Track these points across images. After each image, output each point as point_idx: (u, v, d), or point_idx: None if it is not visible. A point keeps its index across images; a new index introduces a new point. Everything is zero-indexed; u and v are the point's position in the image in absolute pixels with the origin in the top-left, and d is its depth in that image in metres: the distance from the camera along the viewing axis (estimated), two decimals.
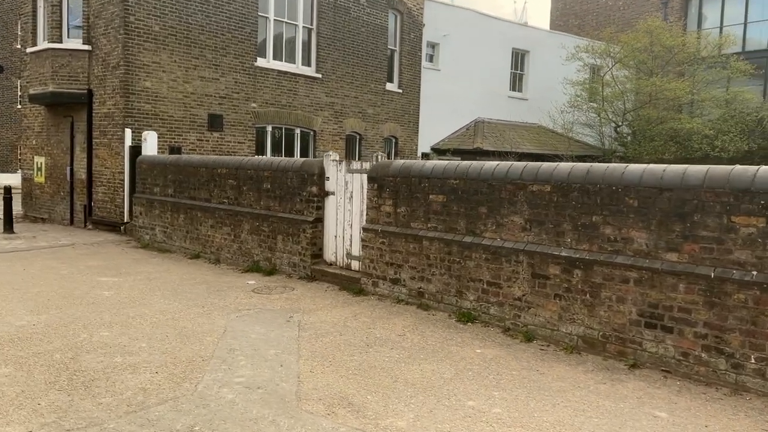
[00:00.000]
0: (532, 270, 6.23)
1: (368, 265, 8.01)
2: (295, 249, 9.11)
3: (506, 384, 5.06)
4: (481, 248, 6.69)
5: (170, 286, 8.51)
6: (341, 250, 8.73)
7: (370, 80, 19.40)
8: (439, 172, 7.19)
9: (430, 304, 7.25)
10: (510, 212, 6.47)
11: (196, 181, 11.11)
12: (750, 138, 21.30)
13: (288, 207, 9.26)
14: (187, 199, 11.31)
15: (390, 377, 5.17)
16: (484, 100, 23.31)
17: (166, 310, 7.22)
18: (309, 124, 17.83)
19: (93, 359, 5.45)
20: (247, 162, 10.07)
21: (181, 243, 11.42)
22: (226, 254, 10.38)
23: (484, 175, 6.71)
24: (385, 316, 7.04)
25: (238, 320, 6.82)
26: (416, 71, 21.07)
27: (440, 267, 7.12)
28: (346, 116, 18.83)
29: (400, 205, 7.62)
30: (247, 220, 9.96)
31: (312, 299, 7.82)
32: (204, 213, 10.86)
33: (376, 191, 7.91)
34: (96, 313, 7.04)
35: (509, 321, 6.46)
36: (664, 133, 20.97)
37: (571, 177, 5.97)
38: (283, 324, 6.70)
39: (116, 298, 7.80)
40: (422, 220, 7.36)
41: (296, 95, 17.41)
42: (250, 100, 16.35)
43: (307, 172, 8.96)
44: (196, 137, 15.30)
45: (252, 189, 9.91)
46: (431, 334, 6.36)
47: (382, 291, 7.84)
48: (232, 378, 5.06)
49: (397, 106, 20.45)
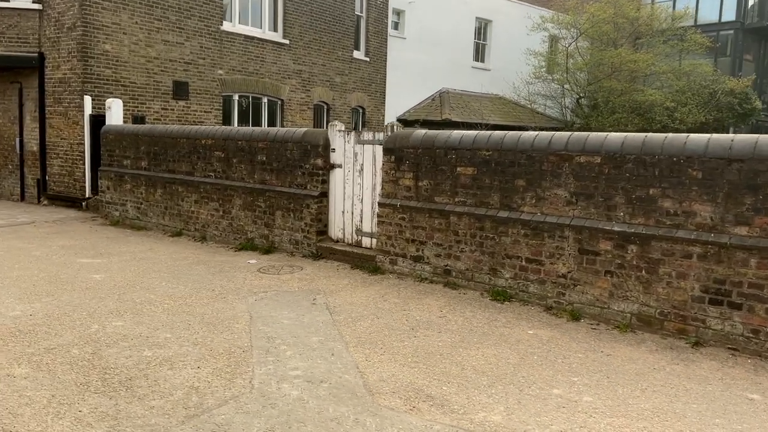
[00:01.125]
0: (580, 246, 5.94)
1: (385, 242, 7.56)
2: (297, 225, 8.55)
3: (579, 368, 4.77)
4: (519, 223, 6.35)
5: (164, 267, 7.83)
6: (350, 226, 8.23)
7: (337, 47, 18.68)
8: (468, 142, 6.78)
9: (459, 282, 6.89)
10: (553, 185, 6.14)
11: (175, 152, 10.31)
12: (705, 110, 21.81)
13: (288, 181, 8.66)
14: (165, 172, 10.50)
15: (455, 364, 4.79)
16: (449, 70, 22.96)
17: (174, 294, 6.59)
18: (276, 92, 17.03)
19: (118, 354, 4.83)
20: (237, 132, 9.37)
21: (159, 219, 10.63)
22: (214, 231, 9.70)
23: (523, 146, 6.35)
24: (414, 296, 6.64)
25: (260, 304, 6.27)
26: (383, 39, 20.45)
27: (470, 243, 6.76)
28: (314, 85, 18.09)
29: (422, 179, 7.18)
30: (238, 195, 9.30)
31: (327, 279, 7.33)
32: (186, 187, 10.10)
33: (394, 164, 7.43)
34: (96, 299, 6.34)
35: (552, 299, 6.18)
36: (627, 105, 21.19)
37: (624, 148, 5.68)
38: (309, 307, 6.21)
39: (111, 281, 7.09)
40: (448, 194, 6.95)
41: (263, 62, 16.55)
42: (217, 66, 15.41)
43: (311, 143, 8.37)
44: (160, 106, 14.32)
45: (244, 161, 9.24)
46: (472, 315, 6.01)
47: (401, 269, 7.42)
48: (287, 371, 4.57)
49: (365, 75, 19.83)
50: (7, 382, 4.27)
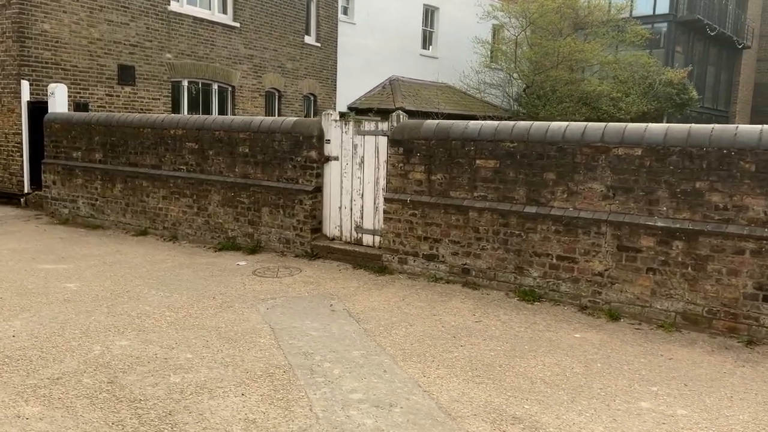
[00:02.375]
0: (618, 242, 5.67)
1: (393, 240, 7.07)
2: (288, 223, 7.91)
3: (650, 375, 4.48)
4: (549, 219, 6.01)
5: (145, 273, 7.04)
6: (348, 223, 7.68)
7: (288, 32, 17.86)
8: (489, 134, 6.37)
9: (479, 282, 6.50)
10: (587, 178, 5.83)
11: (137, 144, 9.39)
12: (646, 99, 22.38)
13: (276, 175, 8.00)
14: (126, 165, 9.56)
15: (521, 377, 4.40)
16: (398, 57, 22.51)
17: (172, 304, 5.87)
18: (227, 78, 16.08)
19: (141, 382, 4.14)
20: (214, 122, 8.58)
21: (118, 217, 9.69)
22: (187, 230, 8.90)
23: (552, 137, 6.00)
24: (436, 298, 6.20)
25: (274, 313, 5.66)
26: (333, 24, 19.76)
27: (493, 241, 6.37)
28: (266, 71, 17.23)
29: (435, 172, 6.73)
30: (216, 191, 8.54)
31: (333, 282, 6.78)
32: (153, 182, 9.22)
33: (403, 156, 6.94)
34: (84, 314, 5.54)
35: (586, 298, 5.89)
36: (574, 95, 21.42)
37: (668, 139, 5.42)
38: (330, 315, 5.65)
39: (90, 291, 6.27)
40: (466, 189, 6.54)
41: (214, 46, 15.56)
42: (165, 49, 14.34)
43: (303, 133, 7.74)
44: (104, 92, 13.16)
45: (222, 154, 8.48)
46: (509, 319, 5.63)
47: (412, 269, 6.96)
48: (345, 394, 4.04)
49: (316, 61, 19.10)
50: (20, 426, 3.53)
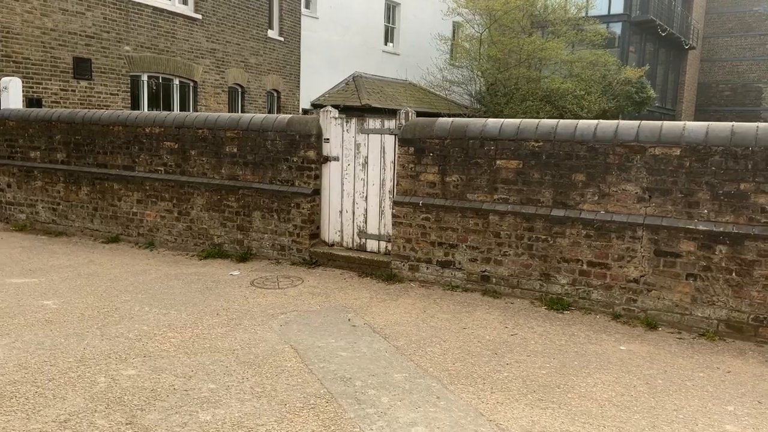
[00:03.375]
0: (656, 247, 5.38)
1: (403, 246, 6.62)
2: (283, 228, 7.34)
3: (717, 392, 4.18)
4: (579, 223, 5.68)
5: (129, 286, 6.37)
6: (350, 228, 7.17)
7: (251, 25, 17.12)
8: (511, 132, 5.99)
9: (500, 290, 6.12)
10: (620, 180, 5.52)
11: (107, 143, 8.61)
12: (606, 98, 22.60)
13: (269, 176, 7.41)
14: (94, 166, 8.76)
15: (586, 399, 4.02)
16: (360, 53, 22.02)
17: (172, 323, 5.25)
18: (189, 73, 15.25)
19: (166, 421, 3.56)
20: (196, 120, 7.92)
21: (85, 223, 8.88)
22: (166, 236, 8.20)
23: (582, 136, 5.67)
24: (459, 309, 5.78)
25: (290, 331, 5.13)
26: (296, 18, 19.10)
27: (516, 246, 6.00)
28: (229, 65, 16.46)
29: (450, 173, 6.31)
30: (200, 194, 7.88)
31: (342, 292, 6.27)
32: (125, 184, 8.47)
33: (414, 156, 6.49)
34: (74, 337, 4.88)
35: (620, 306, 5.58)
36: (538, 93, 21.41)
37: (709, 139, 5.16)
38: (352, 331, 5.16)
39: (73, 310, 5.57)
40: (485, 191, 6.14)
41: (175, 39, 14.71)
42: (123, 42, 13.43)
43: (300, 132, 7.18)
44: (59, 86, 12.20)
45: (206, 154, 7.83)
46: (544, 331, 5.27)
47: (425, 276, 6.52)
48: (406, 428, 3.56)
49: (279, 56, 18.41)
50: None
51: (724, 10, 39.05)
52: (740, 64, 38.90)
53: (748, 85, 38.73)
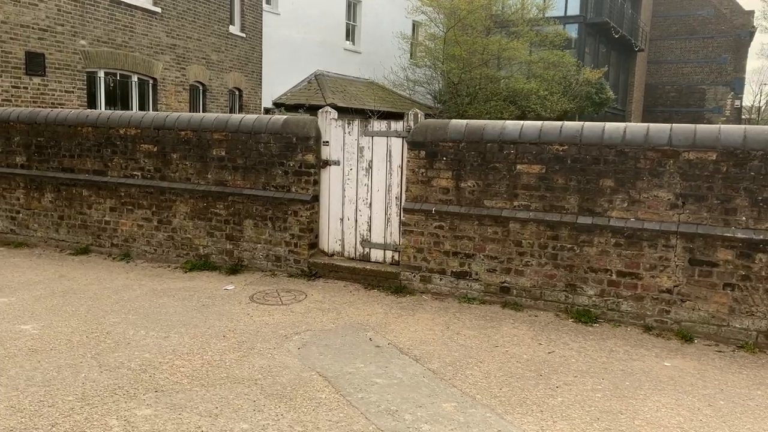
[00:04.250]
0: (690, 255, 5.15)
1: (413, 256, 6.22)
2: (279, 237, 6.83)
3: None
4: (608, 231, 5.41)
5: (113, 305, 5.77)
6: (352, 236, 6.73)
7: (213, 20, 16.37)
8: (532, 135, 5.67)
9: (521, 302, 5.80)
10: (651, 186, 5.28)
11: (74, 145, 7.89)
12: (567, 98, 22.77)
13: (262, 182, 6.89)
14: (59, 171, 8.02)
15: (658, 427, 3.72)
16: (322, 51, 21.46)
17: (176, 349, 4.71)
18: (149, 70, 14.42)
19: None
20: (178, 120, 7.30)
21: (49, 233, 8.13)
22: (144, 247, 7.55)
23: (610, 140, 5.39)
24: (483, 324, 5.43)
25: (311, 354, 4.66)
26: (258, 13, 18.41)
27: (539, 255, 5.69)
28: (190, 62, 15.68)
29: (465, 178, 5.95)
30: (183, 201, 7.27)
31: (352, 307, 5.83)
32: (96, 191, 7.77)
33: (425, 160, 6.10)
34: (66, 369, 4.28)
35: (651, 318, 5.34)
36: (502, 93, 21.35)
37: (747, 142, 4.96)
38: (378, 353, 4.74)
39: (58, 336, 4.95)
40: (504, 197, 5.81)
41: (133, 33, 13.87)
42: (78, 35, 12.54)
43: (297, 134, 6.68)
44: (10, 83, 11.27)
45: (190, 157, 7.23)
46: (581, 348, 4.97)
47: (438, 288, 6.14)
48: None
49: (241, 53, 17.70)
50: None
51: (669, 13, 40.20)
52: (685, 66, 40.14)
53: (692, 87, 39.99)
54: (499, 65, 22.63)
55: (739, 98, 39.93)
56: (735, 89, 39.28)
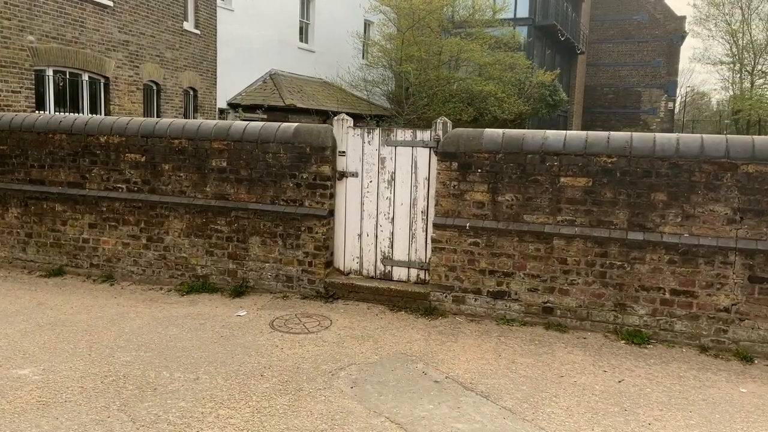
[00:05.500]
0: (750, 273, 4.96)
1: (445, 275, 5.79)
2: (291, 256, 6.26)
3: None
4: (661, 247, 5.15)
5: (117, 339, 5.10)
6: (372, 254, 6.24)
7: (167, 15, 15.42)
8: (577, 146, 5.35)
9: (566, 322, 5.48)
10: (707, 200, 5.05)
11: (45, 155, 7.05)
12: (521, 100, 22.88)
13: (270, 195, 6.30)
14: (26, 183, 7.16)
15: None
16: (277, 50, 20.71)
17: (214, 395, 4.12)
18: (100, 68, 13.39)
19: None
20: (171, 127, 6.60)
21: (14, 252, 7.25)
22: (130, 267, 6.81)
23: (662, 152, 5.14)
24: (534, 350, 5.07)
25: (369, 395, 4.17)
26: (212, 9, 17.53)
27: (586, 274, 5.38)
28: (143, 60, 14.70)
29: (503, 192, 5.57)
30: (178, 216, 6.59)
31: (386, 333, 5.35)
32: (72, 205, 6.97)
33: (458, 172, 5.68)
34: (94, 426, 3.63)
35: (707, 338, 5.12)
36: (461, 95, 21.19)
37: None
38: (441, 390, 4.30)
39: (65, 381, 4.27)
40: (546, 212, 5.47)
41: (84, 28, 12.83)
42: (26, 30, 11.44)
43: (311, 144, 6.13)
44: None
45: (185, 168, 6.55)
46: (648, 374, 4.67)
47: (473, 309, 5.74)
48: None
49: (196, 51, 16.79)
50: None
51: (606, 17, 41.35)
52: (622, 69, 41.38)
53: (629, 89, 41.28)
54: (456, 67, 22.48)
55: (673, 100, 41.55)
56: (668, 92, 40.84)
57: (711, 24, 38.58)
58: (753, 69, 36.79)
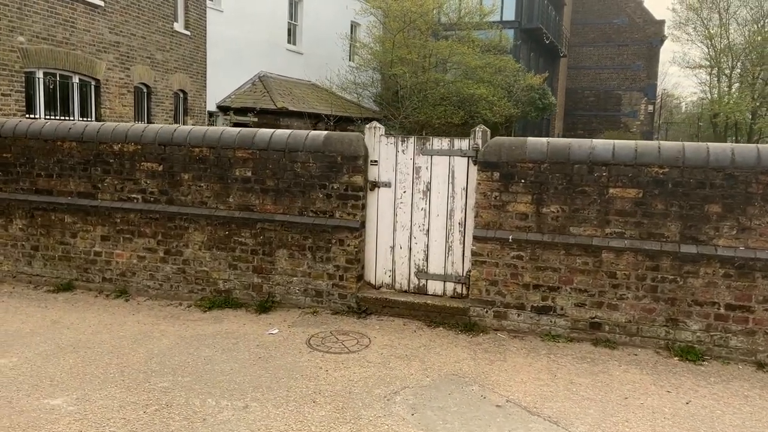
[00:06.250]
0: None
1: (486, 289, 5.58)
2: (320, 269, 5.99)
3: None
4: (715, 261, 5.00)
5: (148, 362, 4.80)
6: (405, 267, 6.00)
7: (157, 16, 15.01)
8: (627, 156, 5.18)
9: (615, 338, 5.30)
10: (765, 212, 4.92)
11: (53, 163, 6.68)
12: (511, 103, 22.85)
13: (298, 206, 6.02)
14: (31, 193, 6.78)
15: None
16: (266, 51, 20.36)
17: (270, 426, 3.86)
18: (91, 70, 12.95)
19: None
20: (191, 135, 6.29)
21: (18, 266, 6.88)
22: (146, 282, 6.48)
23: (717, 162, 4.99)
24: (588, 368, 4.88)
25: (431, 421, 3.94)
26: (202, 10, 17.14)
27: (636, 288, 5.21)
28: (134, 62, 14.27)
29: (548, 203, 5.38)
30: (198, 228, 6.28)
31: (430, 352, 5.12)
32: (82, 216, 6.61)
33: (500, 183, 5.48)
34: None
35: (764, 354, 4.98)
36: (452, 98, 21.06)
37: None
38: (508, 417, 4.08)
39: (105, 413, 3.96)
40: (594, 224, 5.29)
41: (75, 29, 12.39)
42: (16, 31, 10.99)
43: (343, 153, 5.87)
44: None
45: (206, 178, 6.25)
46: (716, 395, 4.50)
47: (515, 325, 5.54)
48: None
49: (186, 53, 16.39)
50: None
51: (587, 21, 41.70)
52: (602, 72, 41.77)
53: (609, 92, 41.68)
54: (445, 69, 22.34)
55: (652, 103, 42.04)
56: (648, 95, 41.31)
57: (690, 28, 39.08)
58: (731, 73, 37.34)
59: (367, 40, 22.57)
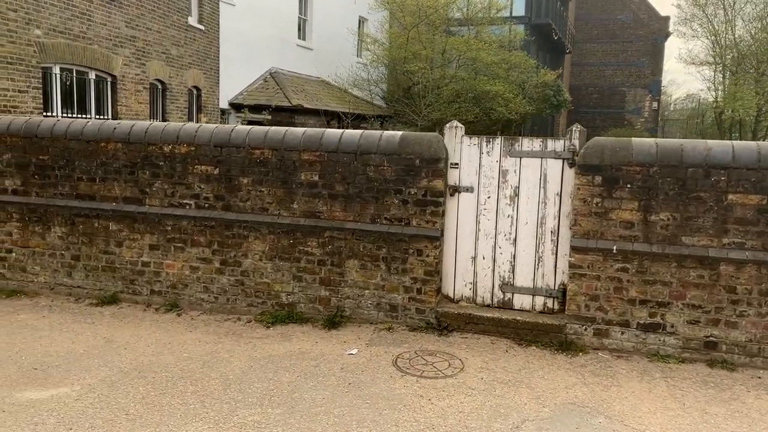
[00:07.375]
0: None
1: (585, 305, 5.10)
2: (395, 282, 5.49)
3: None
4: None
5: (227, 390, 4.30)
6: (488, 279, 5.50)
7: (172, 9, 14.41)
8: (749, 159, 4.71)
9: (733, 359, 4.84)
10: None
11: (96, 166, 6.14)
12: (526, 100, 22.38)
13: (370, 213, 5.52)
14: (72, 198, 6.24)
15: None
16: (277, 47, 19.77)
17: None
18: (108, 65, 12.35)
19: None
20: (250, 135, 5.76)
21: (57, 277, 6.33)
22: (200, 294, 5.96)
23: None
24: (716, 395, 4.41)
25: None
26: (215, 3, 16.53)
27: (759, 304, 4.75)
28: (150, 57, 13.67)
29: (657, 210, 4.91)
30: (259, 237, 5.76)
31: (533, 376, 4.63)
32: (129, 224, 6.07)
33: (601, 188, 5.00)
34: None
35: None
36: (468, 95, 20.56)
37: None
38: None
39: None
40: (710, 234, 4.82)
41: (91, 22, 11.78)
42: (33, 24, 10.37)
43: (421, 156, 5.37)
44: None
45: (267, 183, 5.73)
46: None
47: (618, 343, 5.06)
48: None
49: (200, 48, 15.79)
50: None
51: (591, 17, 41.29)
52: (606, 69, 41.40)
53: (613, 89, 41.32)
54: (458, 66, 21.82)
55: (657, 100, 41.73)
56: (652, 92, 40.99)
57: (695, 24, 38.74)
58: (737, 69, 37.04)
59: (378, 36, 21.99)
